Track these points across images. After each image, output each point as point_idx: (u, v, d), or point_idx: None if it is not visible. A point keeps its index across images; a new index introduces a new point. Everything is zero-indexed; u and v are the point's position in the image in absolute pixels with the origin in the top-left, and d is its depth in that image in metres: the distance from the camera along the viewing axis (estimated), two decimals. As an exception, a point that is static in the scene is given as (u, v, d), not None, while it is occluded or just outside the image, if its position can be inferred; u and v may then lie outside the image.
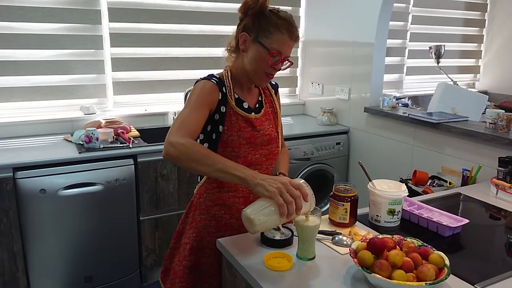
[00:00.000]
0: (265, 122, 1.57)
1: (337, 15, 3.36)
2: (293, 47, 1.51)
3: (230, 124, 1.48)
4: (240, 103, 1.52)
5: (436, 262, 1.19)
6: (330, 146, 3.22)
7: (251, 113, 1.53)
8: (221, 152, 1.48)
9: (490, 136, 2.32)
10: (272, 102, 1.67)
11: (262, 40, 1.44)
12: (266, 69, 1.46)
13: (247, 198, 1.54)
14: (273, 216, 1.19)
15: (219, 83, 1.49)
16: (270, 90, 1.68)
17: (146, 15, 3.08)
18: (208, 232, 1.53)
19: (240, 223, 1.49)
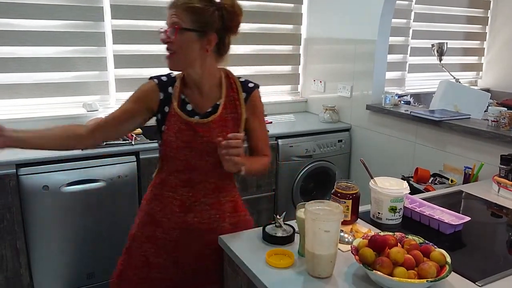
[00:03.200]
0: (217, 129, 1.44)
1: (339, 12, 3.35)
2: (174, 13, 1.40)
3: (170, 125, 1.45)
4: (184, 104, 1.47)
5: (437, 260, 1.19)
6: (332, 143, 3.23)
7: (194, 116, 1.45)
8: (163, 152, 1.49)
9: (492, 134, 2.32)
10: (236, 107, 1.50)
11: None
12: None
13: (184, 202, 1.49)
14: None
15: (166, 82, 1.48)
16: (238, 93, 1.51)
17: (148, 12, 3.08)
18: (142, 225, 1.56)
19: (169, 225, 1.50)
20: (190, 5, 1.35)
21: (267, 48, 3.61)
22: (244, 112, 1.50)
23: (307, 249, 1.23)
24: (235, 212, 1.56)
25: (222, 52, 1.47)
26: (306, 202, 1.27)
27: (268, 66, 3.65)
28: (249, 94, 1.52)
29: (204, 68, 1.43)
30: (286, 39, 3.68)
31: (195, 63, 1.41)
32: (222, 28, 1.40)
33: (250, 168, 1.44)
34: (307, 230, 1.22)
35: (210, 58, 1.44)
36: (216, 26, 1.38)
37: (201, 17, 1.36)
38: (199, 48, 1.39)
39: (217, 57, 1.46)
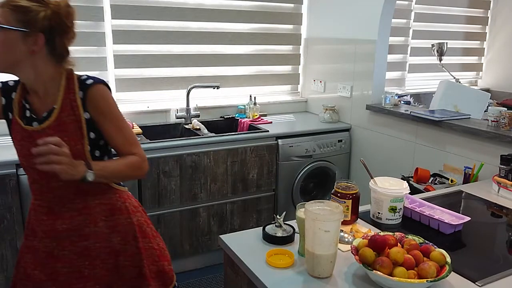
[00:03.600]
0: (55, 134, 1.29)
1: (339, 12, 3.35)
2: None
3: (14, 133, 1.38)
4: (24, 110, 1.38)
5: (437, 260, 1.19)
6: (332, 143, 3.23)
7: (32, 123, 1.36)
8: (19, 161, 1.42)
9: (492, 134, 2.32)
10: (74, 109, 1.35)
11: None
12: None
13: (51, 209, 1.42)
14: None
15: (10, 88, 1.40)
16: (75, 95, 1.36)
17: (149, 12, 3.08)
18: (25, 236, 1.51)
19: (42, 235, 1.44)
20: (15, 4, 1.25)
21: (267, 48, 3.61)
22: (82, 113, 1.36)
23: (307, 249, 1.23)
24: (112, 216, 1.45)
25: (56, 54, 1.34)
26: (306, 202, 1.27)
27: (268, 66, 3.65)
28: (86, 92, 1.36)
29: (36, 71, 1.32)
30: (286, 39, 3.68)
31: (22, 65, 1.31)
32: (51, 29, 1.30)
33: (103, 172, 1.33)
34: (307, 230, 1.22)
35: (42, 60, 1.32)
36: (42, 26, 1.27)
37: (25, 16, 1.26)
38: (25, 49, 1.28)
39: (53, 59, 1.34)
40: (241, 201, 2.96)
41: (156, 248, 1.55)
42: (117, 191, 1.49)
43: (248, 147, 2.89)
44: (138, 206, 1.57)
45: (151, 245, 1.54)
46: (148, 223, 1.57)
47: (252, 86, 3.61)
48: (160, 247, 1.58)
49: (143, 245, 1.50)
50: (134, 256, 1.48)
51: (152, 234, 1.57)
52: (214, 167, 2.79)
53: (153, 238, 1.56)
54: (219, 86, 3.18)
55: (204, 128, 3.03)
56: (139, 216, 1.54)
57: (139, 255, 1.49)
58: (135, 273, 1.49)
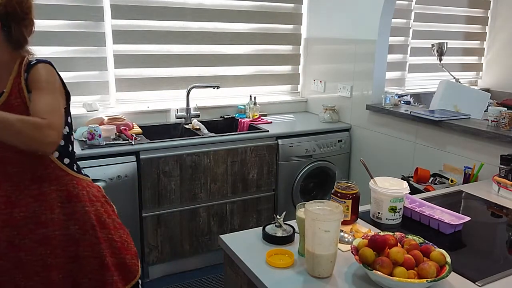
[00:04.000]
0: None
1: (339, 12, 3.35)
2: None
3: None
4: None
5: (437, 260, 1.19)
6: (332, 143, 3.23)
7: None
8: None
9: (492, 134, 2.32)
10: (20, 92, 1.38)
11: None
12: None
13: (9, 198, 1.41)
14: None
15: None
16: (21, 77, 1.39)
17: (149, 12, 3.08)
18: None
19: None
20: None
21: (267, 48, 3.61)
22: (27, 95, 1.38)
23: (307, 249, 1.23)
24: (68, 203, 1.45)
25: (13, 41, 1.39)
26: (306, 202, 1.27)
27: (268, 66, 3.66)
28: (29, 73, 1.39)
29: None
30: (286, 39, 3.68)
31: None
32: (7, 15, 1.34)
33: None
34: (307, 230, 1.22)
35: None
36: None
37: None
38: None
39: (9, 45, 1.40)
40: (241, 201, 2.96)
41: (117, 240, 1.54)
42: (74, 178, 1.50)
43: (248, 147, 2.89)
44: (100, 196, 1.56)
45: (111, 237, 1.52)
46: (109, 214, 1.56)
47: (252, 86, 3.61)
48: (123, 240, 1.57)
49: (102, 235, 1.49)
50: (94, 246, 1.47)
51: (114, 225, 1.55)
52: (214, 167, 2.79)
53: (115, 229, 1.55)
54: (219, 86, 3.18)
55: (204, 128, 3.04)
56: (99, 206, 1.53)
57: (98, 245, 1.47)
58: (96, 264, 1.48)
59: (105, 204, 1.57)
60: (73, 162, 1.53)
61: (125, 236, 1.59)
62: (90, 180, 1.58)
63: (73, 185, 1.48)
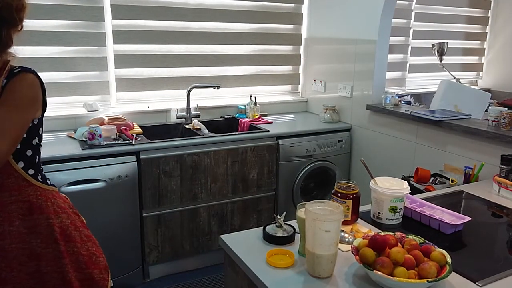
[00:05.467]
0: None
1: (340, 12, 3.35)
2: None
3: None
4: None
5: (437, 260, 1.19)
6: (332, 143, 3.23)
7: None
8: None
9: (493, 134, 2.32)
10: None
11: None
12: None
13: None
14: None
15: None
16: (0, 81, 1.35)
17: (149, 12, 3.08)
18: None
19: None
20: None
21: (268, 48, 3.61)
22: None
23: (307, 249, 1.23)
24: (31, 215, 1.38)
25: (0, 44, 1.34)
26: (307, 202, 1.27)
27: (269, 66, 3.65)
28: (9, 80, 1.34)
29: None
30: (286, 39, 3.68)
31: None
32: (0, 19, 1.30)
33: None
34: (308, 230, 1.22)
35: None
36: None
37: None
38: None
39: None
40: (242, 201, 2.96)
41: (84, 253, 1.47)
42: (38, 189, 1.42)
43: (249, 147, 2.89)
44: (67, 208, 1.49)
45: (77, 250, 1.45)
46: (76, 226, 1.49)
47: (252, 86, 3.61)
48: (90, 253, 1.50)
49: (66, 249, 1.42)
50: (56, 260, 1.40)
51: (82, 238, 1.48)
52: (214, 167, 2.79)
53: (82, 243, 1.48)
54: (220, 86, 3.18)
55: (204, 128, 3.04)
56: (64, 218, 1.45)
57: (61, 259, 1.41)
58: (59, 280, 1.41)
59: (72, 215, 1.49)
60: (38, 172, 1.45)
61: (94, 249, 1.52)
62: (56, 190, 1.50)
63: (37, 196, 1.41)
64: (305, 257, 1.26)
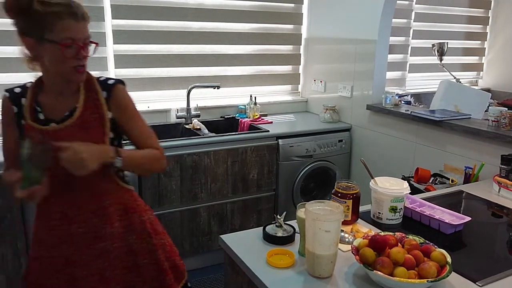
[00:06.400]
0: (79, 131, 1.36)
1: (340, 12, 3.35)
2: (86, 27, 1.35)
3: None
4: (37, 114, 1.38)
5: (438, 260, 1.19)
6: (332, 143, 3.22)
7: (50, 124, 1.37)
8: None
9: (493, 134, 2.32)
10: (98, 107, 1.41)
11: (48, 36, 1.28)
12: (71, 63, 1.32)
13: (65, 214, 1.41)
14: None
15: (18, 95, 1.40)
16: (98, 94, 1.42)
17: (149, 12, 3.08)
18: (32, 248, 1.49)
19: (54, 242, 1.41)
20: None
21: (268, 48, 3.61)
22: (106, 112, 1.41)
23: (307, 249, 1.23)
24: (126, 215, 1.48)
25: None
26: (307, 202, 1.27)
27: (269, 66, 3.65)
28: (110, 92, 1.44)
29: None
30: (286, 39, 3.68)
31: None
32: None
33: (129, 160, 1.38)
34: (308, 230, 1.22)
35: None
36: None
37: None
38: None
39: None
40: (242, 201, 2.96)
41: (167, 244, 1.57)
42: (127, 190, 1.51)
43: (249, 147, 2.89)
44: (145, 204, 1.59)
45: (163, 241, 1.56)
46: (157, 220, 1.59)
47: (252, 86, 3.61)
48: (170, 243, 1.60)
49: (157, 241, 1.52)
50: (151, 253, 1.50)
51: (162, 230, 1.59)
52: (214, 167, 2.79)
53: (163, 234, 1.58)
54: (220, 86, 3.18)
55: (204, 128, 3.03)
56: (150, 214, 1.56)
57: (155, 252, 1.50)
58: (154, 271, 1.50)
59: (150, 210, 1.59)
60: (124, 175, 1.54)
61: (170, 239, 1.62)
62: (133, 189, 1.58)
63: (128, 197, 1.50)
64: (305, 257, 1.26)
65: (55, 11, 1.26)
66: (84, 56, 1.35)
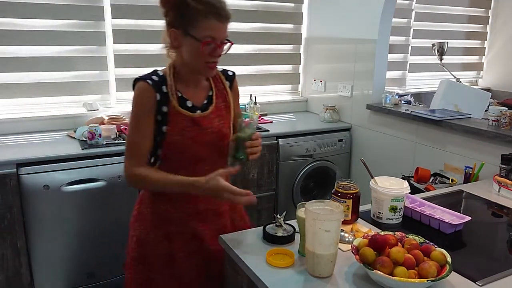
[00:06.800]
0: (215, 119, 1.50)
1: (340, 12, 3.35)
2: (227, 28, 1.45)
3: (173, 125, 1.44)
4: (183, 101, 1.47)
5: (438, 259, 1.19)
6: (332, 143, 3.22)
7: (196, 111, 1.47)
8: (165, 152, 1.46)
9: (493, 134, 2.32)
10: (225, 96, 1.57)
11: (191, 31, 1.38)
12: (206, 59, 1.41)
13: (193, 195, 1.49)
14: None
15: (158, 82, 1.45)
16: (223, 83, 1.58)
17: (149, 11, 3.08)
18: (152, 226, 1.53)
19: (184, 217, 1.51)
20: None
21: (268, 48, 3.61)
22: (231, 99, 1.57)
23: (307, 249, 1.23)
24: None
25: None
26: (307, 202, 1.27)
27: (269, 65, 3.65)
28: (232, 82, 1.61)
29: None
30: (286, 38, 3.68)
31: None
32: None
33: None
34: (307, 230, 1.22)
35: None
36: None
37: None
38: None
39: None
40: (242, 201, 2.96)
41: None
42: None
43: (249, 146, 2.88)
44: None
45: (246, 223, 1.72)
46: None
47: (252, 85, 3.61)
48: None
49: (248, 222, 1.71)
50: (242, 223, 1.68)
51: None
52: (214, 167, 2.79)
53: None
54: (220, 85, 3.17)
55: (204, 128, 3.03)
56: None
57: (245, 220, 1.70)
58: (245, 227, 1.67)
59: None
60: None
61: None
62: None
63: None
64: (305, 257, 1.26)
65: (202, 10, 1.37)
66: (219, 54, 1.44)
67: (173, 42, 1.46)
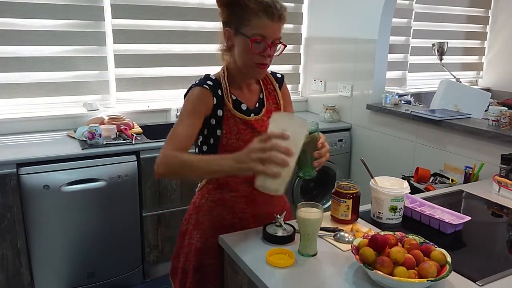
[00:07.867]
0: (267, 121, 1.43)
1: (340, 11, 3.35)
2: (280, 28, 1.40)
3: (228, 128, 1.45)
4: (238, 105, 1.48)
5: (438, 259, 1.19)
6: (332, 143, 3.22)
7: (251, 114, 1.49)
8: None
9: (493, 134, 2.32)
10: (275, 98, 1.59)
11: (242, 29, 1.37)
12: (255, 59, 1.40)
13: (248, 198, 1.52)
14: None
15: (214, 86, 1.45)
16: (274, 85, 1.60)
17: (149, 11, 3.08)
18: (212, 233, 1.52)
19: (244, 223, 1.51)
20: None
21: (268, 48, 3.60)
22: (281, 101, 1.59)
23: None
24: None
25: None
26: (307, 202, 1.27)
27: (269, 65, 3.65)
28: (281, 84, 1.63)
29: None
30: (286, 38, 3.64)
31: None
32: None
33: None
34: None
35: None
36: None
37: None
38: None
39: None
40: (242, 201, 2.96)
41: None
42: None
43: (249, 146, 2.88)
44: None
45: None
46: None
47: (252, 85, 3.60)
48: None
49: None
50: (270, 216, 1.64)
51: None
52: (214, 167, 2.79)
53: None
54: (220, 85, 3.17)
55: (204, 128, 3.03)
56: None
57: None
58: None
59: None
60: None
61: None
62: None
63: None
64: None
65: (255, 8, 1.34)
66: (269, 55, 1.41)
67: (227, 41, 1.45)
